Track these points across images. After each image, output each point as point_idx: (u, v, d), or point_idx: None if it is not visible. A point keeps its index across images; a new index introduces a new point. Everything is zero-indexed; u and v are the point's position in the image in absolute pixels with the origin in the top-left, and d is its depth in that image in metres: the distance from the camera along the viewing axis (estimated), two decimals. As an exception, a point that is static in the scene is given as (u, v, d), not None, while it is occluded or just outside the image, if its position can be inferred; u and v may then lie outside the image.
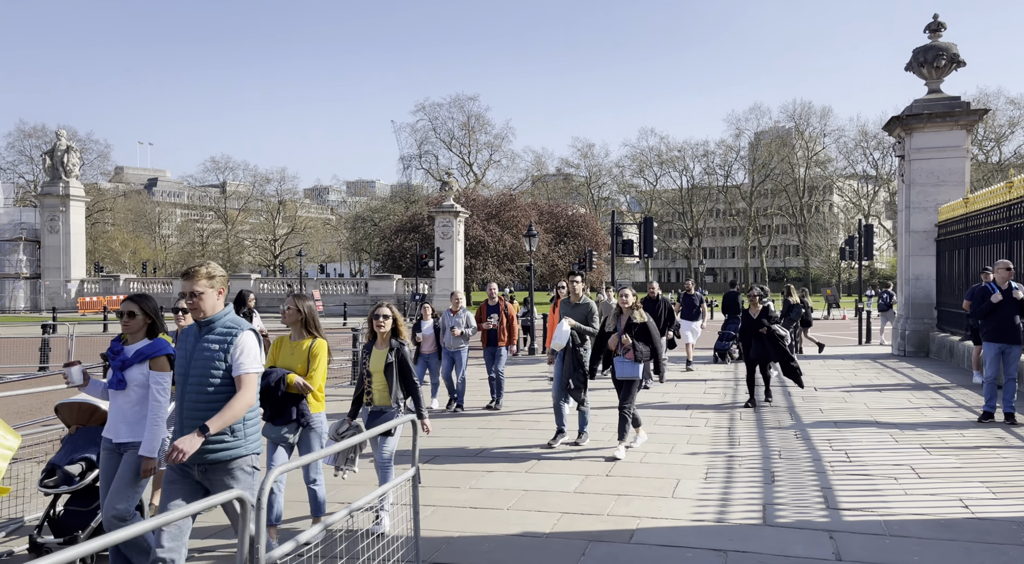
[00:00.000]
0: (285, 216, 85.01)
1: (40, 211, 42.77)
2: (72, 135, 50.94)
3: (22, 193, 61.57)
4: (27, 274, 42.39)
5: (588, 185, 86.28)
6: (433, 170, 77.05)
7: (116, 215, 75.29)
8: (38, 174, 60.97)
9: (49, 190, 42.35)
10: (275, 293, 44.68)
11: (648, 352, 7.57)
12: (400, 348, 5.54)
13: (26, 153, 68.19)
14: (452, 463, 7.45)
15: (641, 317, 7.64)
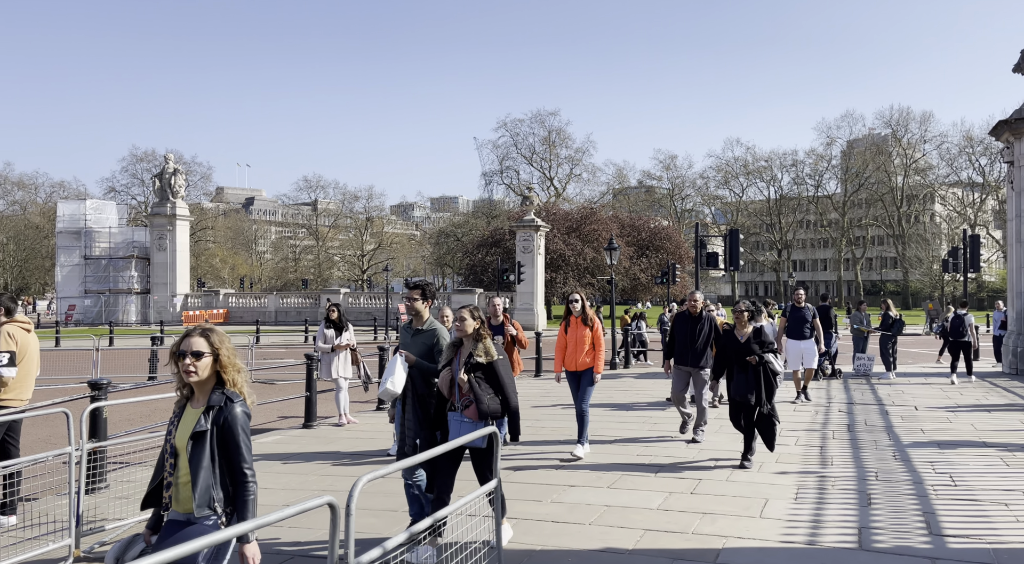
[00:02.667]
0: (372, 232, 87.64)
1: (150, 230, 45.72)
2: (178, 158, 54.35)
3: (134, 213, 66.02)
4: (138, 289, 45.33)
5: (671, 197, 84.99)
6: (514, 185, 77.80)
7: (217, 233, 79.60)
8: (148, 195, 65.20)
9: (158, 210, 45.24)
10: (363, 307, 46.04)
11: (496, 406, 5.17)
12: (227, 406, 3.25)
13: (138, 176, 73.24)
14: (533, 472, 7.47)
15: (488, 354, 5.19)
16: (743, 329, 7.89)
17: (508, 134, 76.95)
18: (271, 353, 24.76)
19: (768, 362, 7.64)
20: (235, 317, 45.65)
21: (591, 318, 8.29)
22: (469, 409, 5.15)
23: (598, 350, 8.22)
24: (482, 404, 5.12)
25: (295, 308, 47.03)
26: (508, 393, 5.24)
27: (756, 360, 7.58)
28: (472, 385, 5.14)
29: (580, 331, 8.27)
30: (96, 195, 68.00)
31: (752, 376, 7.59)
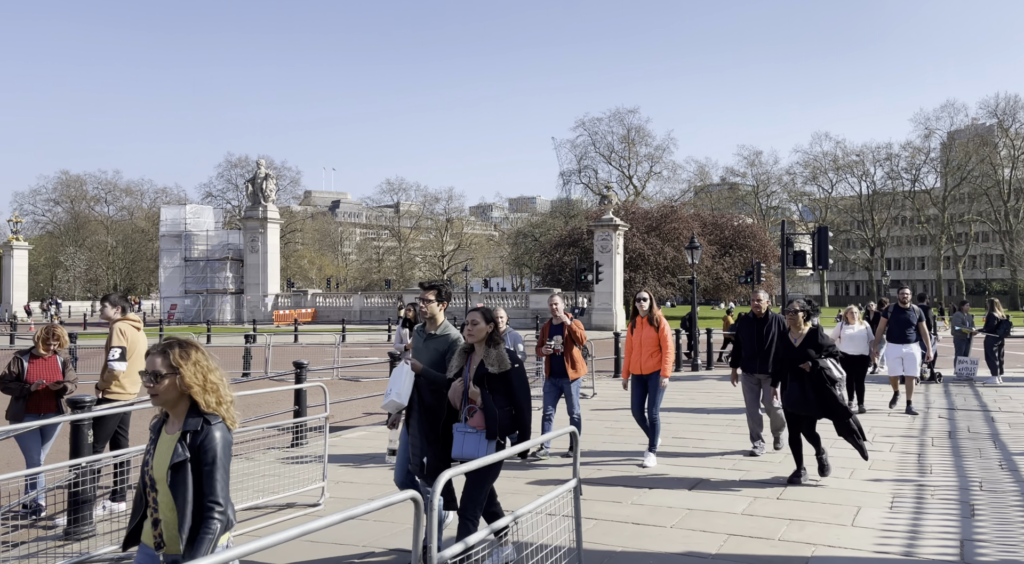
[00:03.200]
0: (452, 233, 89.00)
1: (243, 233, 47.92)
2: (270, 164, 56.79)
3: (229, 217, 69.41)
4: (232, 289, 47.59)
5: (755, 194, 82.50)
6: (592, 184, 77.34)
7: (305, 235, 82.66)
8: (242, 200, 68.40)
9: (251, 214, 47.37)
10: (443, 307, 46.76)
11: (507, 419, 4.70)
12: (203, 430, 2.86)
13: (232, 181, 76.95)
14: (612, 473, 7.41)
15: (501, 363, 4.71)
16: (798, 331, 7.11)
17: (586, 133, 76.61)
18: (356, 351, 25.53)
19: (824, 368, 6.84)
20: (322, 316, 47.25)
21: (657, 318, 7.91)
22: (474, 417, 4.70)
23: (665, 352, 7.81)
24: (490, 419, 4.63)
25: (379, 307, 48.22)
26: (521, 407, 4.74)
27: (810, 366, 6.82)
28: (484, 397, 4.67)
29: (646, 332, 7.88)
30: (195, 200, 71.87)
31: (808, 384, 6.80)
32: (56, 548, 5.50)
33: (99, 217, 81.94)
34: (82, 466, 5.69)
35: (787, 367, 7.03)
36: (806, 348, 6.90)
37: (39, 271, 72.39)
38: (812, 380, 6.81)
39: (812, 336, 7.00)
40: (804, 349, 6.90)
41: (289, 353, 22.68)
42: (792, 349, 7.02)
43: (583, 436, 9.00)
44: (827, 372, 6.82)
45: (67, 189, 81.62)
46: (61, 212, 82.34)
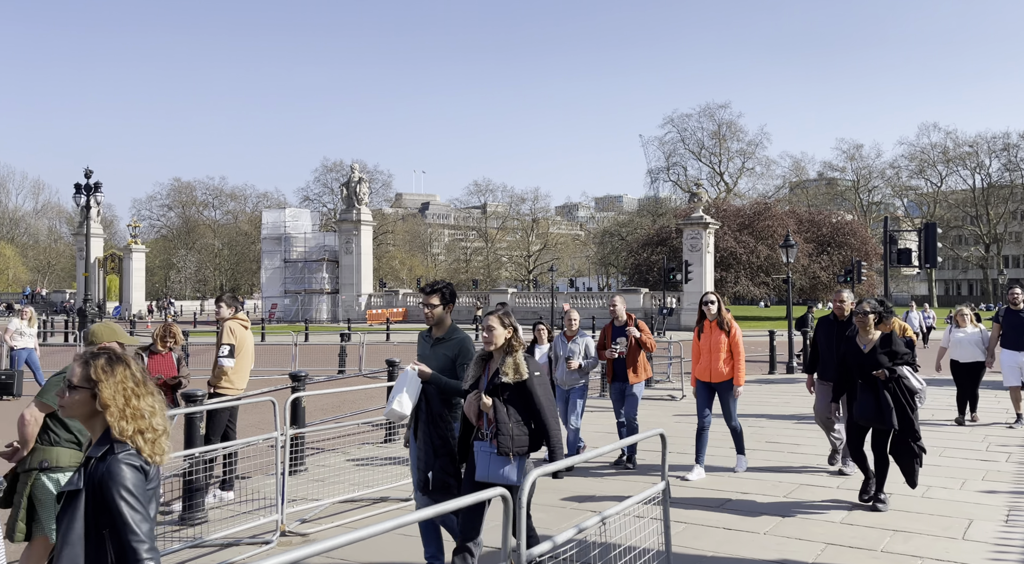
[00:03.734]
0: (538, 233, 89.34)
1: (338, 235, 49.78)
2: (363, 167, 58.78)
3: (325, 220, 72.27)
4: (328, 289, 49.50)
5: (855, 189, 78.67)
6: (681, 182, 75.88)
7: (396, 237, 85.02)
8: (337, 203, 71.01)
9: (345, 216, 49.14)
10: (530, 306, 47.08)
11: (523, 436, 4.27)
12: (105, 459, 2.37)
13: (328, 185, 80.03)
14: (705, 477, 7.27)
15: (518, 371, 4.28)
16: (868, 336, 6.29)
17: (675, 130, 75.19)
18: (445, 350, 26.03)
19: (902, 377, 6.08)
20: (413, 315, 48.46)
21: (728, 321, 7.44)
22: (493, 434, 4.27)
23: (737, 358, 7.34)
24: (502, 435, 4.16)
25: (466, 307, 49.04)
26: (545, 419, 4.25)
27: (885, 375, 6.04)
28: (497, 410, 4.20)
29: (715, 336, 7.39)
30: (293, 204, 75.23)
31: (881, 395, 6.04)
32: (172, 532, 5.92)
33: (207, 221, 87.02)
34: (195, 456, 6.09)
35: (856, 376, 6.28)
36: (877, 355, 6.13)
37: (154, 273, 77.48)
38: (889, 390, 6.05)
39: (885, 341, 6.20)
40: (874, 356, 6.13)
41: (381, 351, 23.40)
42: (860, 355, 6.22)
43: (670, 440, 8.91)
44: (906, 382, 6.10)
45: (179, 195, 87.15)
46: (174, 217, 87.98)
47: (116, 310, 54.75)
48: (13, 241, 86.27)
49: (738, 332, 7.45)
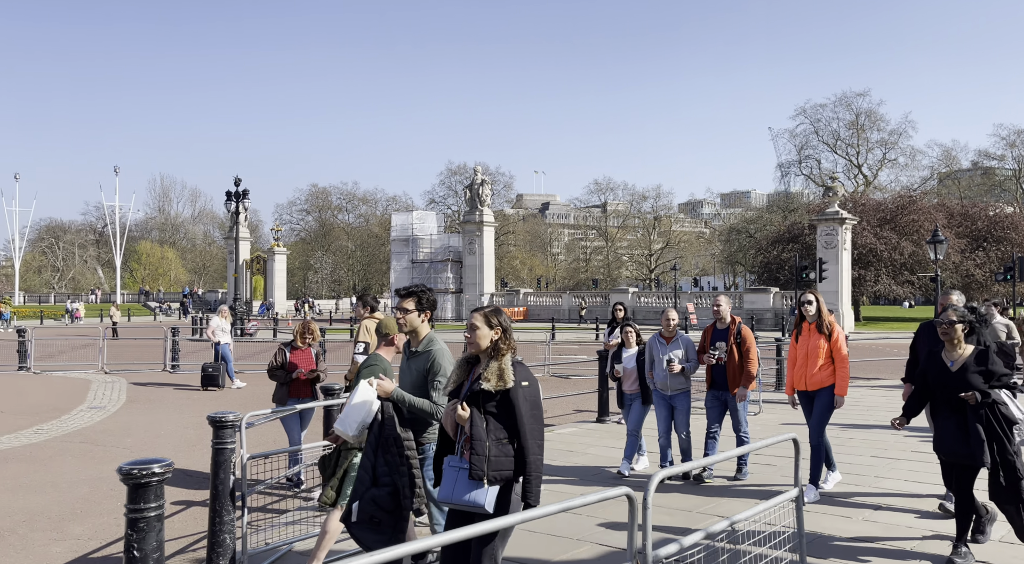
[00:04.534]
0: (660, 231, 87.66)
1: (462, 236, 51.21)
2: (485, 170, 60.14)
3: (449, 222, 74.49)
4: (453, 289, 51.05)
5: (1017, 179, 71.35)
6: (814, 175, 71.83)
7: (517, 237, 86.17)
8: (461, 205, 72.87)
9: (468, 218, 50.46)
10: (652, 306, 46.34)
11: (504, 458, 3.58)
12: None
13: (452, 188, 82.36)
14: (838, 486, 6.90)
15: (502, 378, 3.62)
16: (957, 350, 5.18)
17: (807, 121, 71.23)
18: (566, 349, 26.13)
19: (997, 403, 4.99)
20: (533, 315, 48.98)
21: (829, 323, 6.75)
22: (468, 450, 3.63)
23: (839, 364, 6.64)
24: (476, 454, 3.51)
25: (571, 307, 49.14)
26: (525, 439, 3.55)
27: (975, 399, 4.95)
28: (473, 423, 3.58)
29: (814, 340, 6.70)
30: (420, 207, 77.99)
31: (971, 425, 4.95)
32: (314, 518, 6.34)
33: (341, 224, 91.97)
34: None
35: (940, 398, 5.18)
36: (968, 374, 5.07)
37: (294, 273, 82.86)
38: (980, 419, 4.97)
39: (981, 358, 5.10)
40: (964, 375, 5.08)
41: (503, 350, 23.82)
42: (945, 374, 5.15)
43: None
44: (1003, 408, 4.99)
45: (316, 200, 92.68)
46: (311, 220, 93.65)
47: (261, 308, 59.00)
48: (174, 245, 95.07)
49: (841, 336, 6.77)
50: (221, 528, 4.91)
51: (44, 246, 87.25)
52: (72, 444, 10.01)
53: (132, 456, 9.09)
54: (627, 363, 7.78)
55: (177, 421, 11.80)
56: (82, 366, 19.93)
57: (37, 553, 5.76)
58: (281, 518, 6.53)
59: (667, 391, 7.39)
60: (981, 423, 4.96)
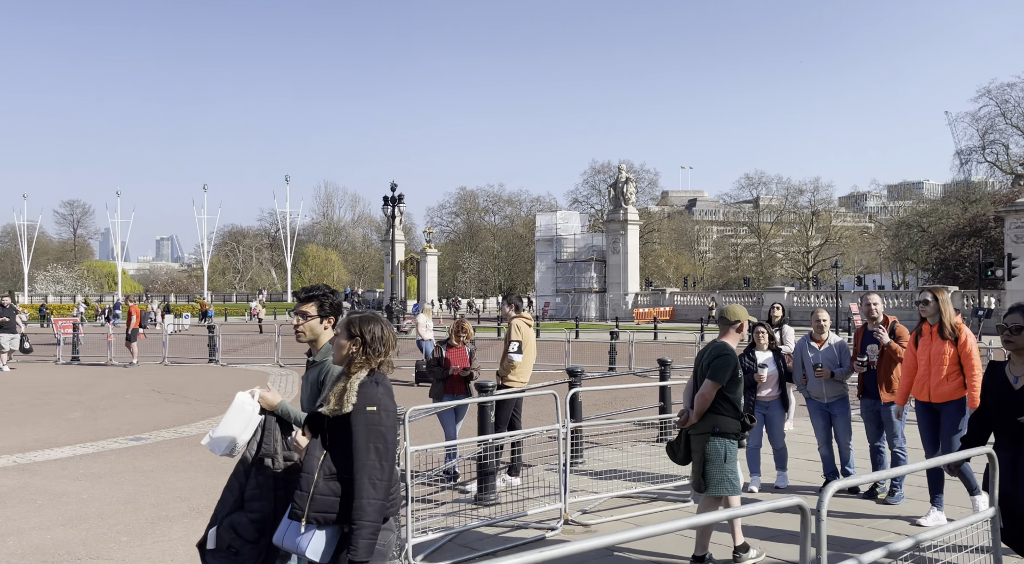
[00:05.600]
0: (818, 226, 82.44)
1: (606, 235, 50.94)
2: (629, 168, 59.36)
3: (592, 221, 74.31)
4: (596, 288, 50.89)
5: None
6: (1001, 162, 64.48)
7: (662, 235, 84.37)
8: (604, 204, 72.53)
9: (612, 217, 50.09)
10: (809, 306, 43.71)
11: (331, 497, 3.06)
12: None
13: (596, 187, 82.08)
14: None
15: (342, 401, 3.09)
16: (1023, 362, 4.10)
17: (993, 102, 64.00)
18: (716, 351, 25.23)
19: None
20: (680, 315, 47.73)
21: (955, 325, 5.79)
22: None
23: (969, 373, 5.64)
24: (299, 490, 3.04)
25: (699, 306, 47.23)
26: (357, 474, 2.99)
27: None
28: (308, 452, 3.14)
29: (936, 345, 5.78)
30: (564, 207, 78.41)
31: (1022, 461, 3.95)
32: (470, 510, 6.57)
33: (487, 225, 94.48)
34: (488, 442, 6.70)
35: (999, 423, 4.17)
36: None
37: (444, 273, 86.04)
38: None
39: None
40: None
41: (650, 350, 23.41)
42: (1008, 391, 4.11)
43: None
44: None
45: (464, 202, 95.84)
46: (459, 222, 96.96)
47: (415, 308, 61.89)
48: (337, 247, 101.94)
49: (970, 340, 5.81)
50: (387, 516, 5.21)
51: (227, 250, 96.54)
52: (254, 430, 11.01)
53: (305, 444, 9.85)
54: (767, 369, 7.18)
55: (343, 413, 12.63)
56: (261, 360, 21.87)
57: (229, 528, 6.41)
58: (439, 509, 6.83)
59: (823, 399, 6.91)
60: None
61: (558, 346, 22.74)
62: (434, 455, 8.01)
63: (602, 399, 13.58)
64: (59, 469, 8.50)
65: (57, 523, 6.51)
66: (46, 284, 79.18)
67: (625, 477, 7.36)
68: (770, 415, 7.23)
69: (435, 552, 5.55)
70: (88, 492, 7.51)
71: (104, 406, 13.29)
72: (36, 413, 12.48)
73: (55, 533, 6.26)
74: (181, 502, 7.18)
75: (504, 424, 7.50)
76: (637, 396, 13.45)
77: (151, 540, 6.10)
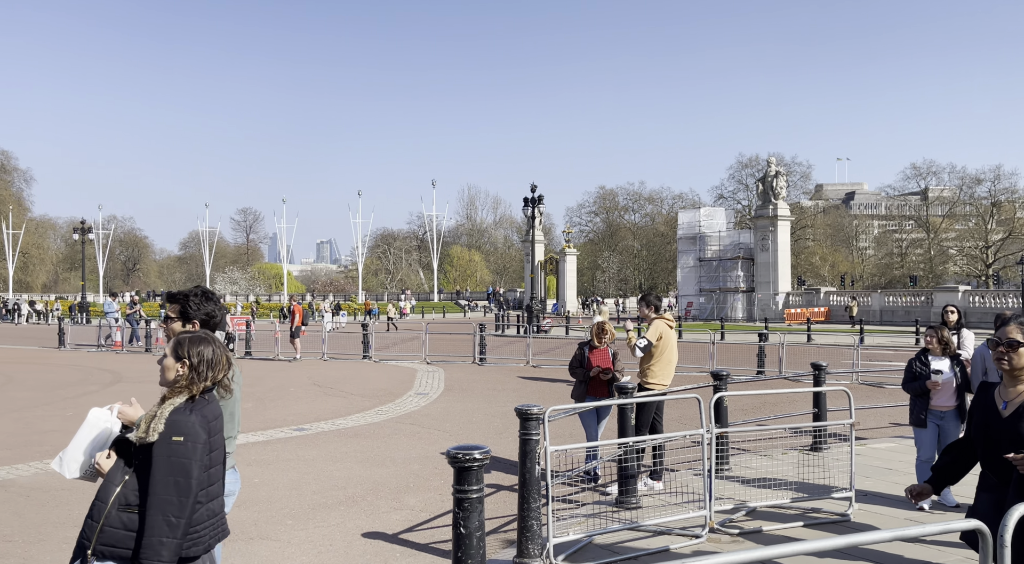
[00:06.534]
0: (999, 219, 74.23)
1: (753, 232, 48.63)
2: (779, 161, 56.47)
3: (739, 217, 71.33)
4: (743, 288, 48.75)
5: None
6: None
7: (816, 231, 79.41)
8: (752, 199, 69.51)
9: (760, 213, 47.76)
10: (988, 307, 39.44)
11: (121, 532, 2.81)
12: None
13: (743, 182, 78.78)
14: None
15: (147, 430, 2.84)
16: (1017, 386, 3.46)
17: None
18: (877, 354, 23.39)
19: None
20: (836, 316, 44.72)
21: None
22: None
23: None
24: (89, 520, 2.83)
25: (902, 307, 43.42)
26: (150, 512, 2.76)
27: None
28: (108, 478, 2.90)
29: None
30: (707, 203, 76.04)
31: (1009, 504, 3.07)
32: (611, 513, 6.51)
33: (627, 224, 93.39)
34: (628, 445, 6.61)
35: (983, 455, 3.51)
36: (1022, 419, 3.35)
37: (583, 273, 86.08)
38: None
39: None
40: (1018, 424, 3.36)
41: (802, 353, 22.10)
42: (995, 419, 3.45)
43: None
44: None
45: (603, 201, 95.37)
46: (599, 222, 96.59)
47: (554, 307, 62.31)
48: (480, 248, 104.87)
49: None
50: (528, 514, 5.28)
51: (379, 252, 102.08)
52: (404, 425, 11.56)
53: (450, 440, 10.22)
54: (944, 377, 6.56)
55: (487, 410, 12.97)
56: (409, 357, 22.92)
57: (381, 518, 6.75)
58: (580, 510, 6.82)
59: None
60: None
61: (702, 348, 22.04)
62: (574, 456, 8.03)
63: (749, 404, 13.01)
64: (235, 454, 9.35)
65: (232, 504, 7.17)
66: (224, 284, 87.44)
67: (775, 486, 6.99)
68: (944, 426, 6.60)
69: (576, 553, 5.55)
70: (259, 477, 8.20)
71: (271, 398, 14.47)
72: (216, 402, 13.82)
73: (231, 513, 6.88)
74: (338, 491, 7.67)
75: (645, 427, 7.37)
76: (788, 402, 12.77)
77: (312, 524, 6.56)
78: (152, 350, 24.86)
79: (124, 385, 16.17)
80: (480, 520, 4.22)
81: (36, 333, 36.15)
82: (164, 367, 3.01)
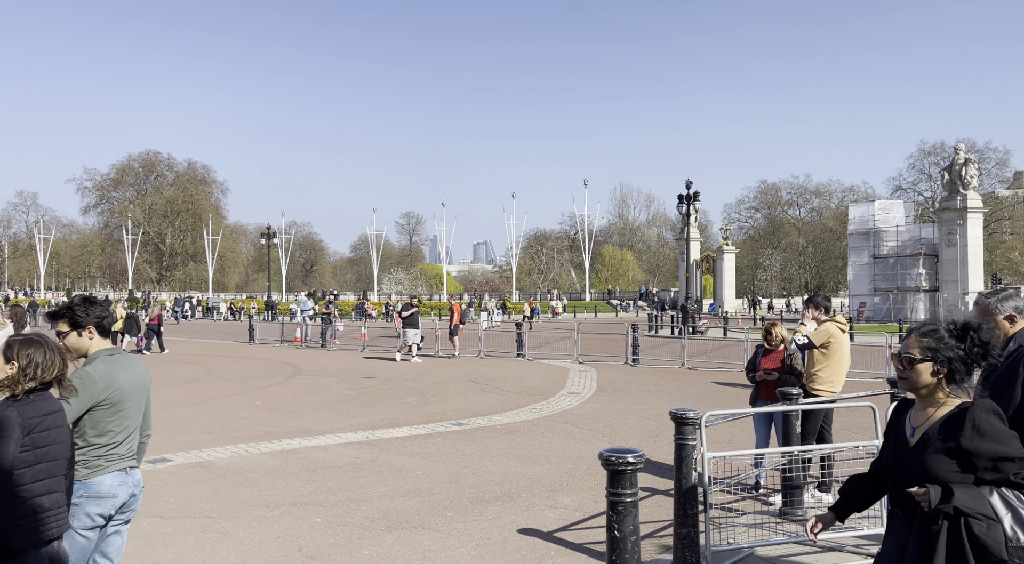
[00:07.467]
0: None
1: (937, 226, 44.13)
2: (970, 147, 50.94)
3: (920, 210, 65.04)
4: (925, 287, 44.38)
5: None
6: None
7: (1014, 223, 70.73)
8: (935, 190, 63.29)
9: (946, 205, 43.25)
10: None
11: None
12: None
13: (925, 171, 71.87)
14: None
15: None
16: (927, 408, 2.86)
17: None
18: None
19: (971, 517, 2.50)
20: (1042, 318, 39.59)
21: None
22: None
23: None
24: None
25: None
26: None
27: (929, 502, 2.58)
28: None
29: None
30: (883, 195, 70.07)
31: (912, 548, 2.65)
32: (774, 524, 6.20)
33: (791, 220, 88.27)
34: (794, 454, 6.24)
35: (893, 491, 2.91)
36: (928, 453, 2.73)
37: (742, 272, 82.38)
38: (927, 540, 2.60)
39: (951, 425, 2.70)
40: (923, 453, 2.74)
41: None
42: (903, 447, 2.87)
43: None
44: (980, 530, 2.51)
45: (764, 196, 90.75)
46: (760, 218, 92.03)
47: (711, 307, 60.19)
48: (632, 247, 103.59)
49: None
50: (685, 521, 5.14)
51: (532, 252, 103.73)
52: (557, 424, 11.66)
53: (603, 440, 10.19)
54: None
55: (639, 412, 12.79)
56: (561, 356, 23.10)
57: (536, 516, 6.86)
58: (740, 519, 6.55)
59: None
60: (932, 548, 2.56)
61: (877, 352, 20.38)
62: (733, 463, 7.73)
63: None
64: (399, 446, 9.89)
65: (398, 494, 7.59)
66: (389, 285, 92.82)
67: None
68: None
69: (737, 563, 5.34)
70: (421, 469, 8.62)
71: (432, 393, 15.16)
72: (384, 396, 14.69)
73: (396, 502, 7.30)
74: (495, 486, 7.89)
75: (812, 435, 6.93)
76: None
77: (471, 517, 6.80)
78: (328, 347, 26.92)
79: (303, 378, 17.65)
80: (634, 524, 4.17)
81: (231, 329, 40.34)
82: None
